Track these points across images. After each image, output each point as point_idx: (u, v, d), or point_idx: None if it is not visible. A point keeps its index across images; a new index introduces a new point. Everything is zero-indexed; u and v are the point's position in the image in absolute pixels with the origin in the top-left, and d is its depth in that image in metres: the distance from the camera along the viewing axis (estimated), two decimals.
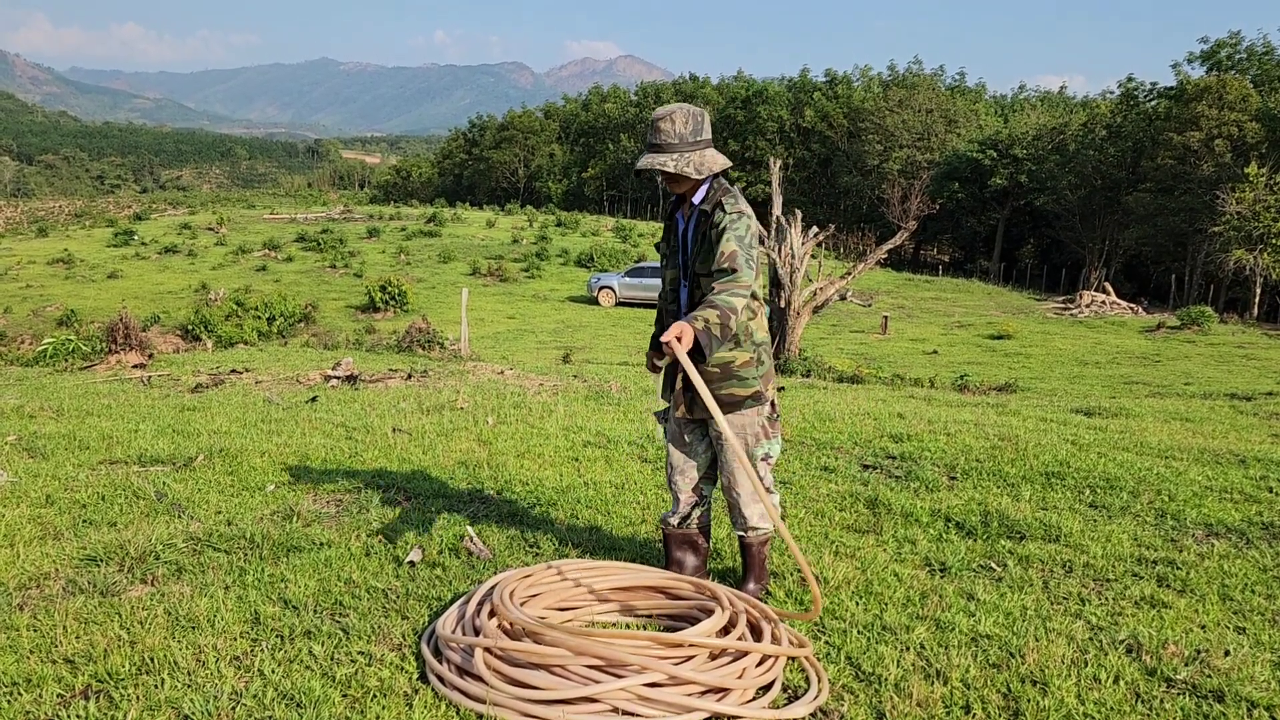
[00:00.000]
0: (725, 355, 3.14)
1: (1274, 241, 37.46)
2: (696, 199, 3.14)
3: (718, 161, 3.05)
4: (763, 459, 3.27)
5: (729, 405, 3.17)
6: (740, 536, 3.37)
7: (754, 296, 3.13)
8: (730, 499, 3.33)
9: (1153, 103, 49.62)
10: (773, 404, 3.29)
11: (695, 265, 3.13)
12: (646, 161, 3.03)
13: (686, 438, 3.34)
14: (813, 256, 18.48)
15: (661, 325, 3.41)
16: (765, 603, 3.20)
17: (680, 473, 3.37)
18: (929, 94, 64.35)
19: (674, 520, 3.42)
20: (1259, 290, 38.79)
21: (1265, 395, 10.35)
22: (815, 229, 18.09)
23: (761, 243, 16.11)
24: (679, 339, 2.71)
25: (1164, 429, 7.11)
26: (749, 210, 3.09)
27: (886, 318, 28.28)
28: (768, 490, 3.31)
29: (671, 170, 2.99)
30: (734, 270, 2.94)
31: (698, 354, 2.80)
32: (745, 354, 3.18)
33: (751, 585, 3.34)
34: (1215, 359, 21.49)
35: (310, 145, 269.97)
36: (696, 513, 3.41)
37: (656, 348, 3.29)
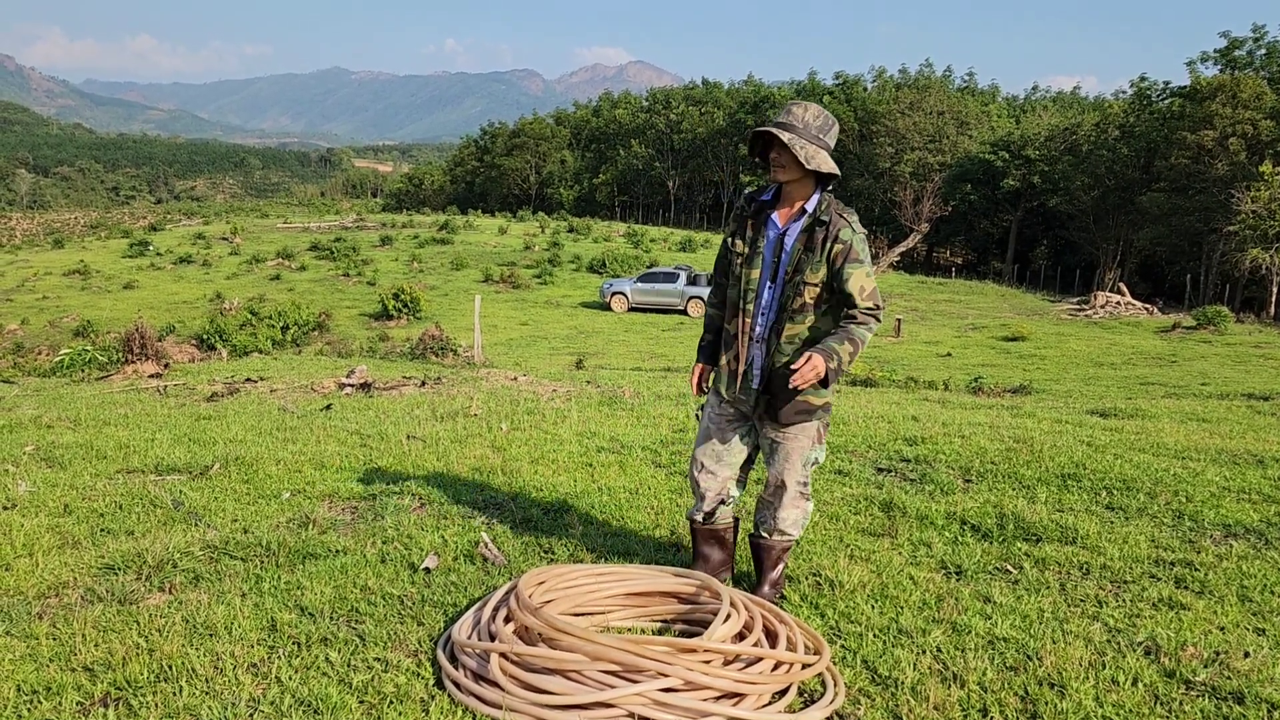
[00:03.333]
0: None
1: None
2: (810, 205, 3.09)
3: (828, 163, 3.02)
4: (812, 464, 3.27)
5: (804, 412, 3.15)
6: (763, 540, 3.35)
7: None
8: (769, 499, 3.32)
9: (1166, 102, 49.30)
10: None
11: (804, 273, 3.06)
12: (768, 127, 3.04)
13: (728, 435, 3.32)
14: None
15: (734, 323, 3.22)
16: (780, 607, 3.20)
17: (711, 472, 3.35)
18: (940, 96, 64.13)
19: (699, 516, 3.42)
20: (1275, 289, 38.43)
21: None
22: None
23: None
24: (815, 371, 2.85)
25: (1180, 430, 7.05)
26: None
27: (900, 320, 28.17)
28: (805, 498, 3.32)
29: (785, 139, 2.97)
30: (878, 307, 3.04)
31: (820, 383, 2.95)
32: None
33: (766, 589, 3.33)
34: (1232, 359, 21.32)
35: (323, 154, 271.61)
36: (721, 510, 3.40)
37: (707, 357, 3.39)
